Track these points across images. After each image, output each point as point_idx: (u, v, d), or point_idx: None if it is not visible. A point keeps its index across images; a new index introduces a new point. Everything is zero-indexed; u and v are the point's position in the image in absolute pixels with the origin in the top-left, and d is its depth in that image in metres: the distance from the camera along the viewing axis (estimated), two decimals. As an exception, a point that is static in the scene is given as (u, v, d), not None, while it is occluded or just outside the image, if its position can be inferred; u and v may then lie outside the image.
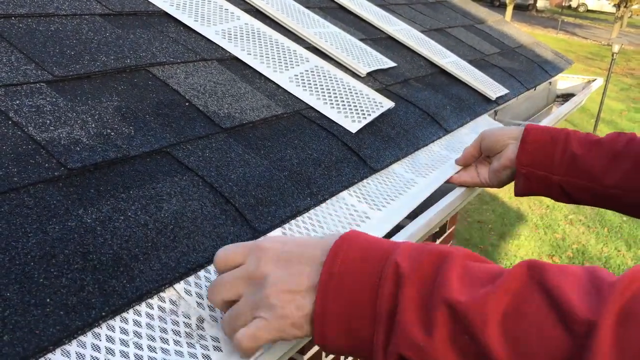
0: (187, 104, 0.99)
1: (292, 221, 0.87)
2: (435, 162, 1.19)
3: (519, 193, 0.96)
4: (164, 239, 0.72)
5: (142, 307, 0.65)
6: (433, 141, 1.30)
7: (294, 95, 1.18)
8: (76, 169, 0.75)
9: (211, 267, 0.73)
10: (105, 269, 0.64)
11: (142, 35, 1.15)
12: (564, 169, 0.87)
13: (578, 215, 7.03)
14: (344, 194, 0.98)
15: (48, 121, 0.81)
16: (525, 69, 2.09)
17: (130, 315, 0.63)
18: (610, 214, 7.08)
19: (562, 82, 2.54)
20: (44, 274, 0.61)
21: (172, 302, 0.67)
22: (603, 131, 10.00)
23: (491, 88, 1.70)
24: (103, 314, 0.60)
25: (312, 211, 0.91)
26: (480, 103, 1.61)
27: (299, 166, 0.97)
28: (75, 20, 1.08)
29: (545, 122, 1.73)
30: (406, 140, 1.23)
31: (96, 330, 0.59)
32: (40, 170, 0.72)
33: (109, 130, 0.85)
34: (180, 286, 0.69)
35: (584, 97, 2.23)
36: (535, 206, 7.19)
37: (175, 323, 0.65)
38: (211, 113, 0.99)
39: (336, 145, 1.08)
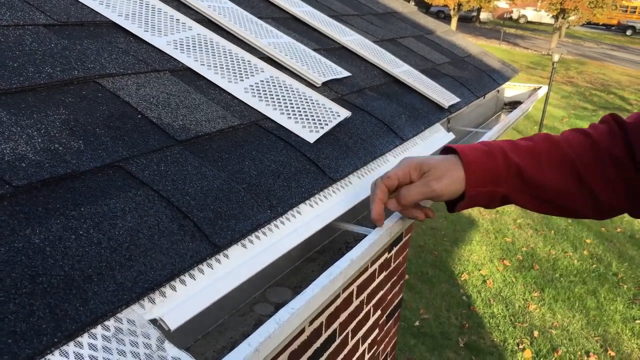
0: (139, 116, 0.96)
1: (253, 234, 0.85)
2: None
3: (456, 210, 0.94)
4: (119, 257, 0.69)
5: (98, 330, 0.61)
6: (390, 150, 1.30)
7: (249, 106, 1.16)
8: (22, 186, 0.71)
9: (170, 285, 0.70)
10: (56, 292, 0.61)
11: (90, 46, 1.10)
12: (510, 181, 0.88)
13: (526, 219, 7.25)
14: (303, 206, 0.97)
15: (-10, 136, 0.76)
16: (474, 78, 2.14)
17: (84, 339, 0.59)
18: (556, 218, 7.33)
19: (509, 90, 2.62)
20: (-12, 299, 0.56)
21: (130, 322, 0.64)
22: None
23: (443, 96, 1.73)
24: (55, 339, 0.57)
25: (272, 223, 0.89)
26: (433, 112, 1.64)
27: (258, 178, 0.95)
28: (18, 31, 1.03)
29: (496, 129, 1.77)
30: (364, 149, 1.23)
31: (49, 357, 0.56)
32: (-17, 189, 0.68)
33: (56, 145, 0.81)
34: (137, 306, 0.66)
35: (531, 105, 2.30)
36: (486, 212, 7.38)
37: (134, 344, 0.62)
38: (165, 125, 0.96)
39: (294, 155, 1.07)
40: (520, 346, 4.67)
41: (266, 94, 1.21)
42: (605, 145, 0.87)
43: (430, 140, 1.52)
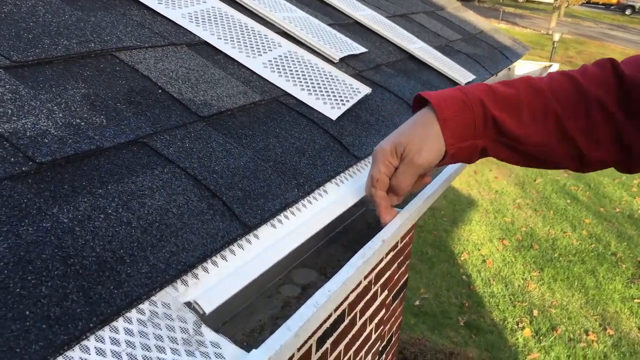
0: (159, 91, 0.92)
1: (282, 214, 0.82)
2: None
3: (438, 166, 0.87)
4: (150, 238, 0.66)
5: (133, 314, 0.58)
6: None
7: (269, 82, 1.12)
8: (46, 163, 0.67)
9: (202, 267, 0.67)
10: (89, 274, 0.58)
11: (104, 18, 1.06)
12: (488, 134, 0.83)
13: (525, 199, 7.25)
14: (330, 185, 0.94)
15: (10, 111, 0.72)
16: (487, 55, 2.10)
17: (120, 323, 0.57)
18: (554, 198, 7.34)
19: (519, 68, 2.58)
20: (20, 282, 0.53)
21: (165, 305, 0.61)
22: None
23: (459, 74, 1.69)
24: (91, 324, 0.54)
25: (300, 203, 0.86)
26: (450, 89, 1.60)
27: (283, 156, 0.92)
28: (30, 1, 0.98)
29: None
30: (385, 127, 1.19)
31: (84, 343, 0.53)
32: (6, 166, 0.64)
33: (78, 120, 0.77)
34: (171, 289, 0.63)
35: (543, 83, 2.26)
36: (485, 191, 7.37)
37: (171, 329, 0.59)
38: (187, 100, 0.93)
39: (318, 133, 1.03)
40: (520, 325, 4.69)
41: (285, 70, 1.17)
42: (595, 93, 0.80)
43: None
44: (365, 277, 2.07)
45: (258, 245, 0.76)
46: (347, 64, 1.39)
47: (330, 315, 1.56)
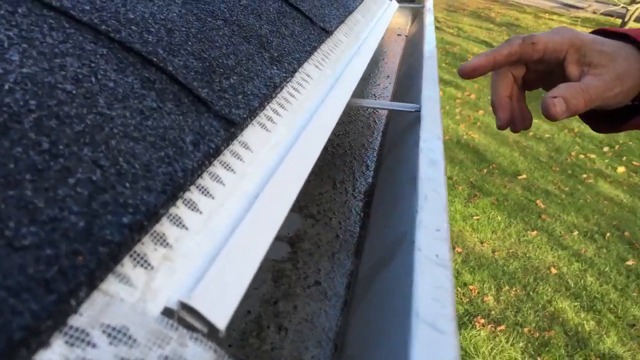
0: None
1: (275, 100, 0.46)
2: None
3: (620, 130, 0.62)
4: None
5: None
6: (356, 7, 0.94)
7: None
8: None
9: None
10: None
11: None
12: None
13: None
14: (308, 66, 0.59)
15: None
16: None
17: None
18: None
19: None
20: None
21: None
22: None
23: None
24: None
25: (289, 85, 0.50)
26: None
27: (231, 13, 0.54)
28: None
29: None
30: (337, 2, 0.85)
31: None
32: None
33: None
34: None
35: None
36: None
37: None
38: None
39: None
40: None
41: None
42: None
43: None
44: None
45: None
46: None
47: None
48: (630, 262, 3.04)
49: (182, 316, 0.24)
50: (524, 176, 3.98)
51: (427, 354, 0.24)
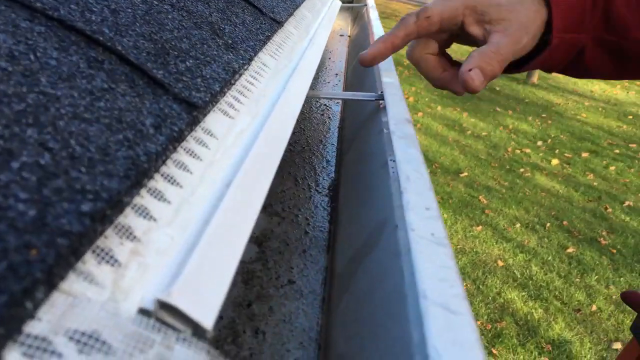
0: None
1: (234, 87, 0.42)
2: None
3: (524, 70, 0.63)
4: None
5: None
6: None
7: None
8: None
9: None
10: None
11: None
12: (593, 23, 0.59)
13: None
14: (263, 55, 0.55)
15: None
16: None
17: None
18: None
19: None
20: None
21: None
22: None
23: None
24: None
25: (247, 73, 0.47)
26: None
27: None
28: None
29: None
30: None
31: None
32: None
33: None
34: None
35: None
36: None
37: None
38: None
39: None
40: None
41: None
42: None
43: None
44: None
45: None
46: None
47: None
48: (570, 250, 3.15)
49: (161, 317, 0.20)
50: (466, 174, 4.08)
51: (446, 338, 0.21)
